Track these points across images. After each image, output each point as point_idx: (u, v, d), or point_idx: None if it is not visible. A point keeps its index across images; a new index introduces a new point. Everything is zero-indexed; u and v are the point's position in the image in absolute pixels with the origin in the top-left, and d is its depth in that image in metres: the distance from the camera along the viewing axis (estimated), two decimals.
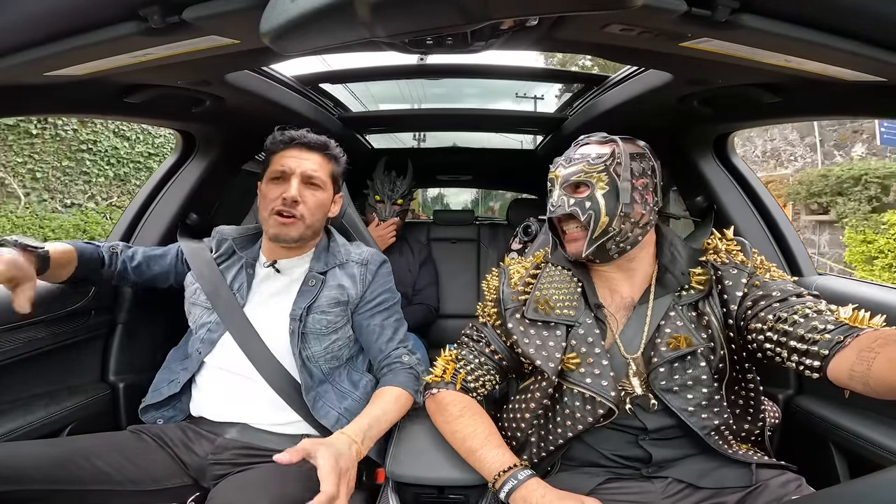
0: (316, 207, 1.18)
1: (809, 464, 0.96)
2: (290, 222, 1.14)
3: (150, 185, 1.56)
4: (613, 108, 1.49)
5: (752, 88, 1.03)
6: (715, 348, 0.93)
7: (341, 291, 1.19)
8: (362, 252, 1.27)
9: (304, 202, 1.15)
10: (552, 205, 1.02)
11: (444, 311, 2.43)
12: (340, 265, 1.22)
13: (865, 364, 0.68)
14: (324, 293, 1.17)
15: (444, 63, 1.70)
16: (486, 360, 1.06)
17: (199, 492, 1.04)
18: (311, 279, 1.19)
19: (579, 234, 0.99)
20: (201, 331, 1.17)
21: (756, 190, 1.48)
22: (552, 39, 0.86)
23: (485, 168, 3.01)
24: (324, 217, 1.22)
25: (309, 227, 1.17)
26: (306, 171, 1.16)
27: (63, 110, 1.10)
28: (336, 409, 1.11)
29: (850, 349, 0.73)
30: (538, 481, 0.85)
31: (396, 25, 0.54)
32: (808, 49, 0.68)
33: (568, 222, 1.00)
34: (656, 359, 0.93)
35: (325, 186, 1.20)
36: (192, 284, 1.23)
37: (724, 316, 0.94)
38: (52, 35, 0.69)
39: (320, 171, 1.18)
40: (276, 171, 1.16)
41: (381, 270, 1.26)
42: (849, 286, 1.25)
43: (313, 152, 1.19)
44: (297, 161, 1.16)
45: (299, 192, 1.14)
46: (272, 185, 1.16)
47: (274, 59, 1.09)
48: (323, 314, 1.16)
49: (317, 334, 1.15)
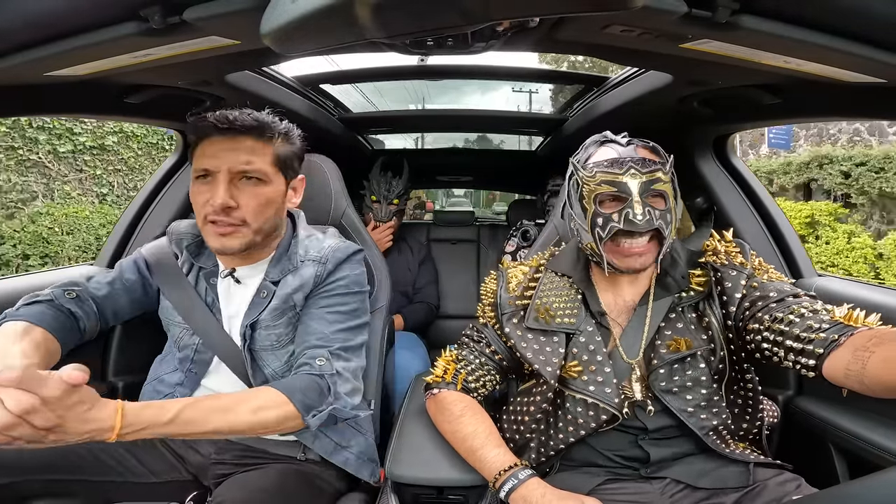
0: (261, 207, 0.94)
1: (809, 464, 0.96)
2: (228, 232, 0.93)
3: (149, 186, 1.55)
4: (614, 110, 1.49)
5: (752, 89, 1.03)
6: (715, 349, 0.93)
7: (286, 300, 1.00)
8: (324, 248, 1.04)
9: (242, 205, 0.92)
10: (633, 217, 0.87)
11: (443, 312, 2.44)
12: (294, 270, 1.02)
13: (860, 363, 0.69)
14: (270, 305, 1.00)
15: (444, 64, 1.70)
16: (487, 360, 1.05)
17: (199, 490, 1.05)
18: (263, 290, 1.02)
19: (646, 249, 0.91)
20: (186, 351, 1.05)
21: (756, 191, 1.48)
22: (553, 40, 0.86)
23: (485, 169, 3.01)
24: (278, 214, 1.01)
25: (257, 232, 0.96)
26: (235, 167, 0.92)
27: (63, 111, 1.10)
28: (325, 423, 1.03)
29: (845, 348, 0.73)
30: (538, 481, 0.85)
31: (397, 26, 0.54)
32: (807, 50, 0.69)
33: (634, 236, 0.90)
34: (656, 361, 0.93)
35: (269, 177, 0.96)
36: (164, 301, 1.07)
37: (724, 317, 0.94)
38: (53, 35, 0.69)
39: (257, 161, 0.94)
40: (199, 168, 0.93)
41: (343, 268, 1.03)
42: (849, 288, 1.25)
43: (244, 137, 0.93)
44: (223, 154, 0.91)
45: (231, 194, 0.91)
46: (198, 186, 0.94)
47: (274, 59, 1.09)
48: (268, 329, 1.00)
49: (270, 350, 1.02)
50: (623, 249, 0.91)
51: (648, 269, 0.99)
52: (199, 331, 1.02)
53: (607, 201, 0.92)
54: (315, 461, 1.07)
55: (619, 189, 0.89)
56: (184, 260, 1.08)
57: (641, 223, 0.88)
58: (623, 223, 0.89)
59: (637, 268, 0.93)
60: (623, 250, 0.91)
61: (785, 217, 1.47)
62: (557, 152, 2.26)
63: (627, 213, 0.88)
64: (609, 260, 0.93)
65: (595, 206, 0.92)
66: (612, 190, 0.90)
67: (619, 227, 0.89)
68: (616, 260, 0.93)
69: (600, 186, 0.91)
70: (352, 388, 0.96)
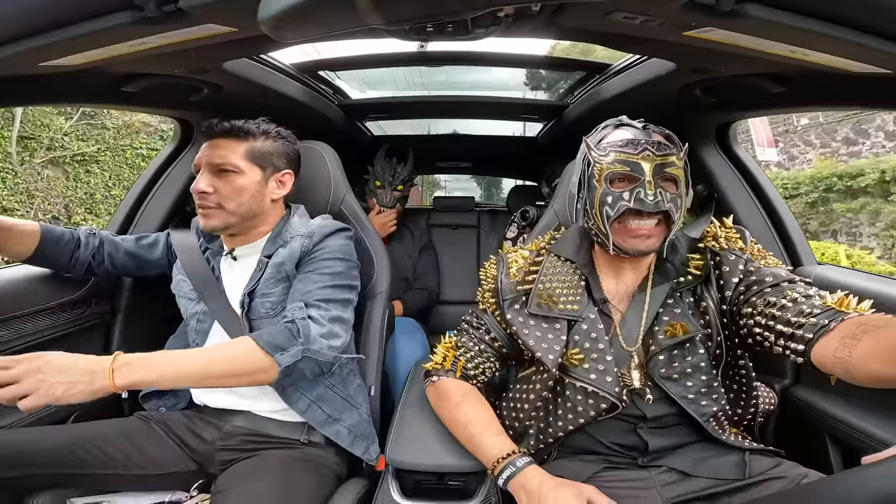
0: (233, 193, 1.10)
1: (804, 453, 0.97)
2: (207, 213, 1.11)
3: (148, 174, 1.55)
4: (615, 97, 1.48)
5: (756, 78, 1.02)
6: (712, 334, 0.93)
7: (279, 268, 1.12)
8: (311, 224, 1.17)
9: (217, 191, 1.10)
10: (645, 196, 0.87)
11: (444, 298, 2.44)
12: (285, 244, 1.15)
13: (847, 350, 0.68)
14: (266, 274, 1.13)
15: (444, 50, 1.68)
16: (486, 347, 1.05)
17: (204, 478, 1.06)
18: (259, 263, 1.15)
19: (655, 231, 0.91)
20: (192, 321, 1.17)
21: (758, 179, 1.48)
22: (554, 26, 0.85)
23: (485, 155, 3.00)
24: (254, 200, 1.13)
25: (233, 213, 1.11)
26: (212, 161, 1.10)
27: (60, 100, 1.09)
28: (307, 396, 1.08)
29: (834, 334, 0.72)
30: (536, 468, 0.85)
31: (396, 12, 0.54)
32: (812, 40, 0.67)
33: (644, 217, 0.89)
34: (654, 347, 0.93)
35: (243, 170, 1.11)
36: (178, 275, 1.21)
37: (720, 301, 0.94)
38: (48, 25, 0.68)
39: (231, 156, 1.11)
40: (194, 165, 1.14)
41: (328, 240, 1.13)
42: (848, 276, 1.25)
43: (223, 139, 1.12)
44: (206, 153, 1.12)
45: (210, 183, 1.09)
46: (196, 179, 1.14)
47: (272, 46, 1.07)
48: (264, 297, 1.11)
49: (265, 317, 1.11)
50: (630, 230, 0.91)
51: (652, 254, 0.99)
52: (206, 297, 1.15)
53: (618, 181, 0.91)
54: (318, 444, 1.09)
55: (631, 169, 0.89)
56: (200, 243, 1.24)
57: (651, 203, 0.87)
58: (633, 202, 0.88)
59: (643, 250, 0.91)
60: (630, 230, 0.91)
61: (785, 206, 1.46)
62: (558, 139, 2.24)
63: (639, 192, 0.88)
64: (615, 241, 0.92)
65: (605, 184, 0.91)
66: (624, 169, 0.89)
67: (628, 205, 0.88)
68: (621, 241, 0.91)
69: (613, 165, 0.90)
70: (327, 331, 0.99)
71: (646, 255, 0.95)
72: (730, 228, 1.02)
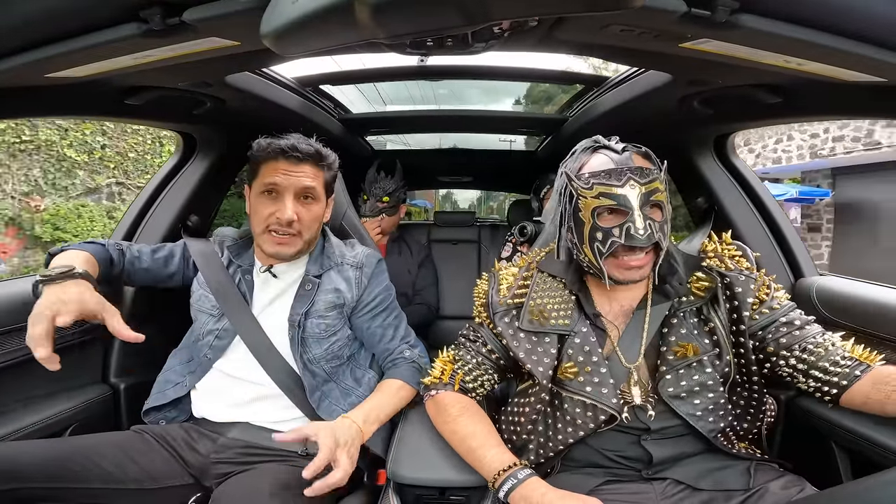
0: (312, 221, 1.14)
1: (812, 464, 0.96)
2: (286, 241, 1.10)
3: (151, 186, 1.56)
4: (613, 109, 1.49)
5: (753, 89, 1.03)
6: (721, 354, 0.93)
7: (338, 295, 1.17)
8: (357, 254, 1.24)
9: (300, 219, 1.10)
10: (635, 232, 0.86)
11: (444, 313, 2.43)
12: (335, 267, 1.20)
13: (883, 394, 0.84)
14: (320, 297, 1.16)
15: (444, 64, 1.70)
16: (484, 360, 1.05)
17: (201, 492, 1.05)
18: (308, 283, 1.17)
19: (645, 261, 0.91)
20: (209, 337, 1.15)
21: (757, 191, 1.48)
22: (553, 40, 0.86)
23: (486, 169, 3.01)
24: (320, 226, 1.20)
25: (306, 241, 1.14)
26: (301, 186, 1.10)
27: (64, 112, 1.10)
28: (341, 406, 1.11)
29: (866, 381, 0.87)
30: (538, 480, 0.84)
31: (397, 27, 0.54)
32: (807, 49, 0.68)
33: (634, 251, 0.89)
34: (664, 367, 0.93)
35: (320, 197, 1.15)
36: (198, 290, 1.20)
37: (732, 322, 0.94)
38: (53, 37, 0.70)
39: (315, 183, 1.12)
40: (267, 184, 1.09)
41: (377, 271, 1.24)
42: (849, 286, 1.25)
43: (305, 163, 1.11)
44: (290, 175, 1.09)
45: (294, 210, 1.09)
46: (264, 200, 1.10)
47: (274, 60, 1.09)
48: (321, 318, 1.15)
49: (316, 338, 1.14)
50: (623, 262, 0.90)
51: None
52: (230, 314, 1.14)
53: (605, 214, 0.89)
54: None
55: (618, 202, 0.87)
56: (224, 257, 1.23)
57: (643, 238, 0.86)
58: (624, 238, 0.86)
59: (637, 279, 0.92)
60: (623, 263, 0.90)
61: (785, 217, 1.47)
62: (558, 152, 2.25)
63: (629, 227, 0.86)
64: (610, 273, 0.91)
65: (593, 219, 0.89)
66: (611, 203, 0.87)
67: (620, 242, 0.87)
68: (616, 273, 0.91)
69: (598, 199, 0.88)
70: (418, 353, 1.24)
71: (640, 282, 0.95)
72: (730, 245, 1.02)
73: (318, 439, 0.91)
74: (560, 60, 16.84)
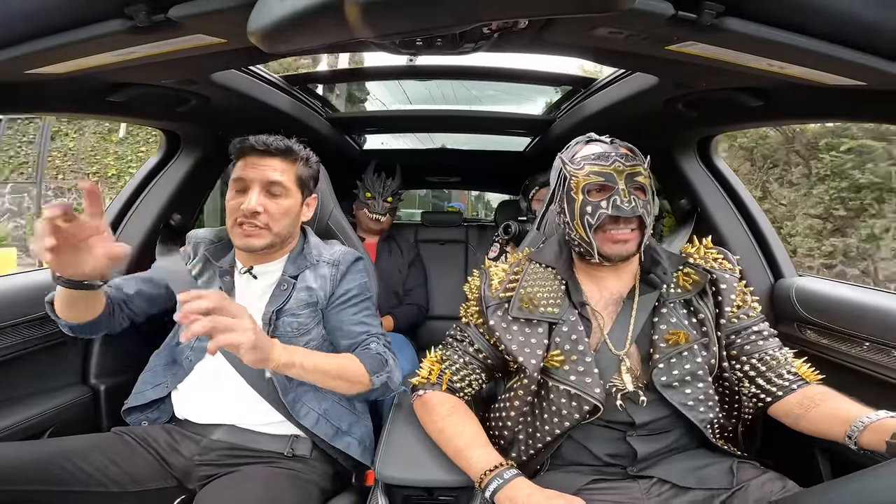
0: (280, 215, 1.12)
1: (793, 463, 0.98)
2: (253, 233, 1.10)
3: (131, 186, 1.53)
4: (601, 111, 1.50)
5: (736, 92, 1.05)
6: (709, 344, 0.97)
7: (310, 293, 1.16)
8: (334, 252, 1.23)
9: (267, 211, 1.10)
10: (621, 203, 0.94)
11: (432, 313, 2.43)
12: (311, 266, 1.19)
13: (804, 409, 0.91)
14: (294, 295, 1.15)
15: (433, 64, 1.70)
16: (471, 359, 1.06)
17: (185, 494, 1.03)
18: (284, 283, 1.16)
19: (631, 236, 0.97)
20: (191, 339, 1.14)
21: (738, 192, 1.51)
22: (541, 42, 0.86)
23: (474, 169, 3.02)
24: (293, 223, 1.18)
25: (276, 234, 1.13)
26: (266, 179, 1.10)
27: (43, 109, 1.08)
28: (315, 410, 1.10)
29: (796, 396, 0.95)
30: (524, 480, 0.85)
31: (386, 26, 0.54)
32: (790, 53, 0.70)
33: (621, 224, 0.96)
34: (657, 355, 0.95)
35: (290, 193, 1.14)
36: None
37: (717, 316, 0.99)
38: (35, 32, 0.68)
39: (283, 177, 1.12)
40: (235, 179, 1.11)
41: (353, 268, 1.22)
42: (826, 287, 1.28)
43: (275, 158, 1.12)
44: (257, 169, 1.10)
45: (260, 202, 1.09)
46: (233, 194, 1.12)
47: (261, 58, 1.08)
48: (293, 317, 1.14)
49: (288, 336, 1.12)
50: (611, 236, 0.97)
51: (632, 264, 1.03)
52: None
53: (595, 191, 0.97)
54: (302, 458, 1.07)
55: (606, 179, 0.96)
56: (197, 260, 1.22)
57: (628, 209, 0.94)
58: (611, 209, 0.94)
59: (624, 254, 0.97)
60: (611, 237, 0.97)
61: (766, 218, 1.50)
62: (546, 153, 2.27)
63: (615, 199, 0.94)
64: (599, 248, 0.97)
65: (583, 195, 0.97)
66: (599, 180, 0.96)
67: (607, 213, 0.94)
68: (605, 247, 0.97)
69: (589, 177, 0.97)
70: (385, 348, 1.17)
71: (626, 261, 1.00)
72: (710, 248, 1.07)
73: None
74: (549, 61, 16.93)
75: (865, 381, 1.11)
